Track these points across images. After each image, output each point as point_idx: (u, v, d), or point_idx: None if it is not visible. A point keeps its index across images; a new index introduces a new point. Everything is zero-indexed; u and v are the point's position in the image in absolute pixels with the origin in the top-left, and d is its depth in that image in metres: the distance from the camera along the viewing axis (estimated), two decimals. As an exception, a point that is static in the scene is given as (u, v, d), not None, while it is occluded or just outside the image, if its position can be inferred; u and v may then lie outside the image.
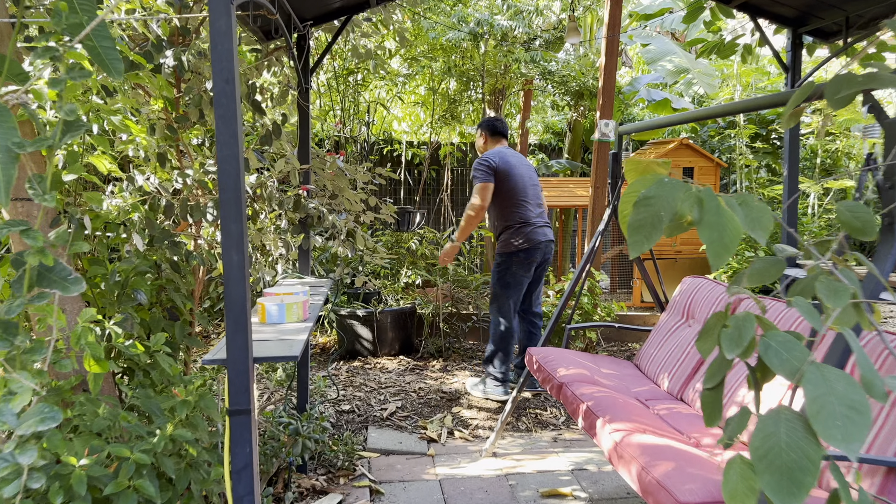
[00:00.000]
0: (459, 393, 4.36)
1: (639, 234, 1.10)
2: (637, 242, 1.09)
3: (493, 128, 4.34)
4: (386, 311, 4.98)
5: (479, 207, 4.07)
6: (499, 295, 4.15)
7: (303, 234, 3.09)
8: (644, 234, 1.09)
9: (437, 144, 8.10)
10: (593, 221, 5.07)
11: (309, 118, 3.19)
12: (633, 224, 1.11)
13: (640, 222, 1.10)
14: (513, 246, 4.11)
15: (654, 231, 1.08)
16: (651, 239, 1.08)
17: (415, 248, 6.01)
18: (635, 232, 1.10)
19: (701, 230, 1.07)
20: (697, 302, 3.14)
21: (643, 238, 1.09)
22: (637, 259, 3.63)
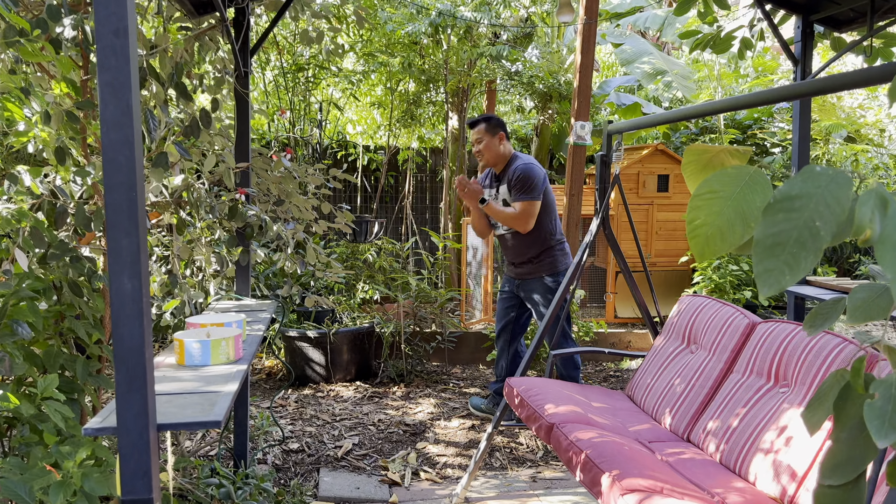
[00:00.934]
0: (424, 425, 3.89)
1: (775, 258, 0.67)
2: (772, 272, 0.67)
3: (505, 126, 3.78)
4: (341, 332, 4.49)
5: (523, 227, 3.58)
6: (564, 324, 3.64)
7: (241, 248, 2.60)
8: (785, 259, 0.66)
9: (396, 149, 7.64)
10: (568, 231, 4.68)
11: (249, 108, 2.70)
12: (765, 243, 0.68)
13: (776, 239, 0.67)
14: (563, 265, 3.70)
15: (804, 252, 0.66)
16: (798, 265, 0.66)
17: (372, 260, 5.53)
18: (768, 255, 0.67)
19: (883, 251, 0.65)
20: (701, 325, 2.76)
21: (783, 265, 0.66)
22: (626, 272, 3.24)
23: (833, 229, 0.67)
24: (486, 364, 5.22)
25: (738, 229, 0.93)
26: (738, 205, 0.94)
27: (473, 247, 5.40)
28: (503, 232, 3.78)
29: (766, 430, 2.12)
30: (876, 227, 0.66)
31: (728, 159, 1.07)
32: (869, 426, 0.77)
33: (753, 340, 2.43)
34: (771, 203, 0.69)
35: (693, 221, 0.95)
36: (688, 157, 1.08)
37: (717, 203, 0.94)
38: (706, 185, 0.96)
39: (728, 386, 2.43)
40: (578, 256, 3.14)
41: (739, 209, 0.93)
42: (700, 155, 1.07)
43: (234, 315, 2.01)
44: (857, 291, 0.98)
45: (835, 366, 2.00)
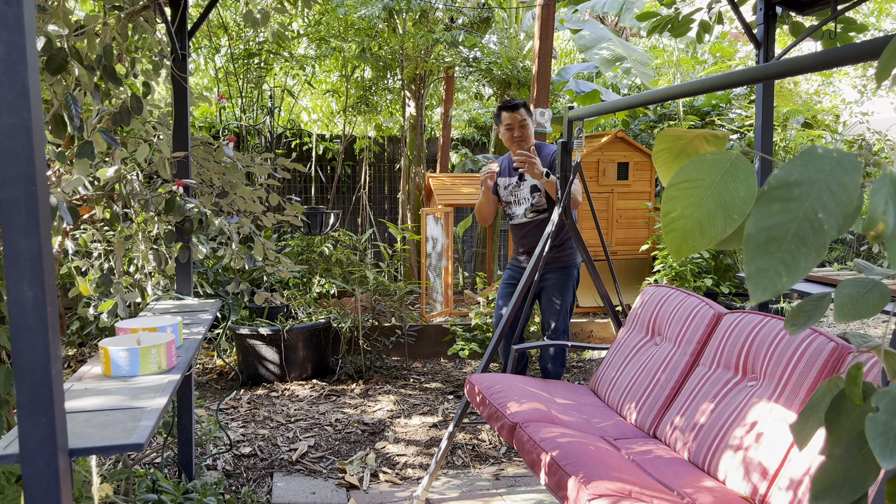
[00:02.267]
0: (384, 423, 3.77)
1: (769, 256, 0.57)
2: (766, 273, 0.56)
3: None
4: (295, 329, 4.33)
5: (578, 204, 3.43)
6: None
7: (180, 243, 2.43)
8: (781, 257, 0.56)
9: (352, 138, 7.46)
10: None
11: (187, 93, 2.52)
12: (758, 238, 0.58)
13: (771, 233, 0.57)
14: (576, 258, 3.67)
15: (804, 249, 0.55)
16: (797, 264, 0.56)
17: (329, 253, 5.36)
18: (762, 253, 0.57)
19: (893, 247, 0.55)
20: (665, 316, 2.70)
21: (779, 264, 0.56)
22: (588, 262, 3.17)
23: (838, 222, 0.57)
24: (448, 358, 5.12)
25: (720, 222, 0.83)
26: (719, 195, 0.84)
27: (433, 238, 5.28)
28: (526, 220, 3.65)
29: (735, 426, 2.06)
30: (890, 221, 0.56)
31: (704, 146, 0.98)
32: (872, 444, 0.68)
33: (719, 332, 2.37)
34: (765, 191, 0.58)
35: (668, 214, 0.85)
36: (660, 143, 0.98)
37: (696, 193, 0.84)
38: (683, 173, 0.86)
39: (694, 380, 2.37)
40: (540, 247, 3.05)
41: (721, 199, 0.84)
42: (674, 141, 0.97)
43: (169, 318, 1.86)
44: (845, 287, 0.89)
45: (805, 358, 1.95)
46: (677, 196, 0.84)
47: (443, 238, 5.33)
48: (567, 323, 3.60)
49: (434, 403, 4.08)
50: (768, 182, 0.58)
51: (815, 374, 1.90)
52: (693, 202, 0.84)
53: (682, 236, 0.84)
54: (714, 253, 4.85)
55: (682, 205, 0.84)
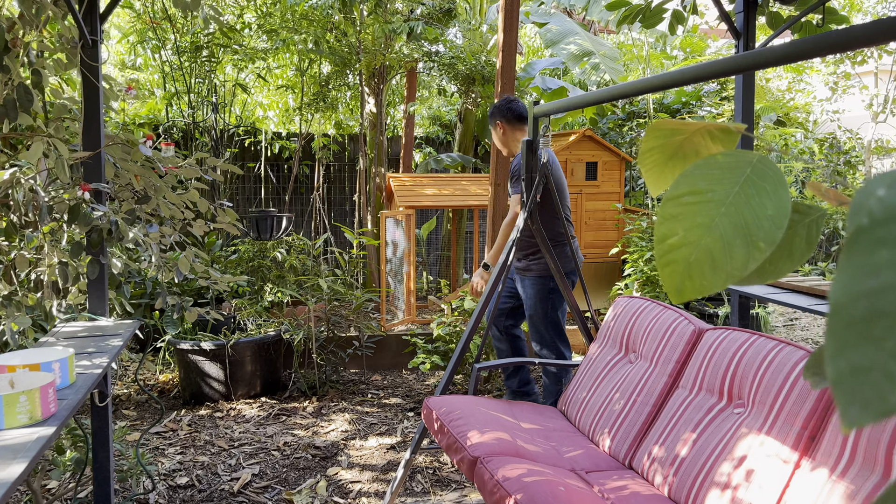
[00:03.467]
0: (337, 446, 3.49)
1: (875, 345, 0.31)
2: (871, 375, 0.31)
3: (511, 111, 3.51)
4: (242, 342, 4.02)
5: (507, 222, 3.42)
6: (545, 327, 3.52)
7: (89, 257, 2.12)
8: None
9: (310, 136, 7.15)
10: (494, 223, 4.36)
11: (99, 85, 2.21)
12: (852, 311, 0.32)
13: (879, 304, 0.31)
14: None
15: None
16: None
17: (281, 259, 5.05)
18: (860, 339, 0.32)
19: None
20: (640, 331, 2.47)
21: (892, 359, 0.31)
22: (557, 270, 2.94)
23: None
24: (409, 369, 4.85)
25: (740, 252, 0.59)
26: (737, 213, 0.59)
27: (393, 242, 5.01)
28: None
29: (721, 460, 1.83)
30: None
31: (707, 144, 0.73)
32: None
33: (701, 351, 2.15)
34: (864, 228, 0.33)
35: (666, 239, 0.60)
36: (649, 140, 0.73)
37: (705, 211, 0.60)
38: (685, 182, 0.61)
39: (674, 404, 2.14)
40: (505, 254, 2.80)
41: (740, 220, 0.59)
42: (667, 137, 0.72)
43: (60, 350, 1.56)
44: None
45: (800, 384, 1.73)
46: (678, 215, 0.60)
47: (404, 242, 5.07)
48: (548, 337, 3.40)
49: (393, 422, 3.81)
50: (869, 212, 0.33)
51: (813, 404, 1.69)
52: (700, 223, 0.59)
53: (686, 271, 0.59)
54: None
55: (685, 227, 0.60)
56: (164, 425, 3.76)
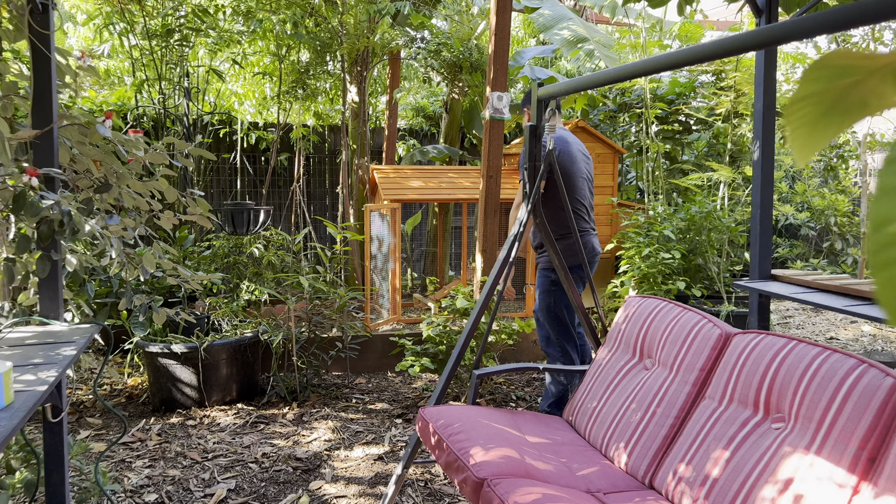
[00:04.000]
0: (320, 458, 3.25)
1: None
2: None
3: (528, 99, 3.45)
4: (216, 345, 3.75)
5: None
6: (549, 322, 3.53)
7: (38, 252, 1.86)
8: None
9: (288, 126, 6.86)
10: (486, 217, 4.14)
11: (51, 56, 1.95)
12: None
13: None
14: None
15: None
16: None
17: (259, 255, 4.79)
18: None
19: None
20: (657, 334, 2.27)
21: None
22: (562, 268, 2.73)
23: None
24: (395, 371, 4.62)
25: None
26: None
27: (378, 237, 4.77)
28: None
29: (762, 482, 1.63)
30: None
31: (886, 92, 0.51)
32: None
33: (730, 358, 1.95)
34: None
35: (887, 225, 0.39)
36: (809, 82, 0.51)
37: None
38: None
39: (700, 417, 1.94)
40: (506, 250, 2.58)
41: None
42: (832, 79, 0.50)
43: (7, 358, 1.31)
44: None
45: (854, 398, 1.53)
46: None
47: (389, 237, 4.83)
48: (553, 335, 3.38)
49: (380, 430, 3.58)
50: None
51: (871, 420, 1.49)
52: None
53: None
54: (685, 251, 4.49)
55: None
56: (132, 435, 3.49)
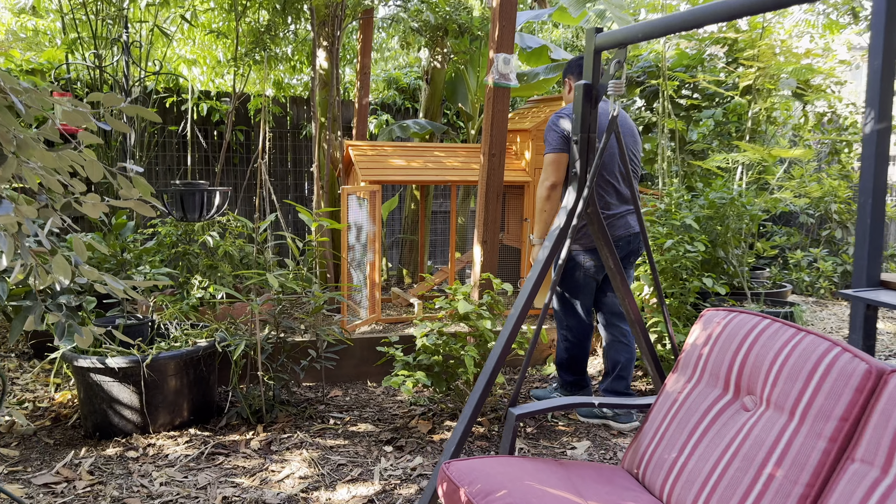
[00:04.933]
0: (295, 500, 2.64)
1: None
2: None
3: (582, 68, 3.23)
4: (162, 358, 3.09)
5: (549, 187, 3.17)
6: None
7: None
8: None
9: (245, 96, 6.14)
10: (487, 203, 3.56)
11: None
12: None
13: None
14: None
15: None
16: None
17: (214, 244, 4.11)
18: None
19: None
20: (762, 364, 1.73)
21: None
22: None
23: None
24: (377, 379, 4.03)
25: None
26: None
27: (357, 224, 4.14)
28: None
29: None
30: None
31: None
32: None
33: (889, 406, 1.41)
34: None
35: None
36: None
37: None
38: None
39: (851, 487, 1.41)
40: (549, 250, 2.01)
41: None
42: None
43: None
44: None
45: None
46: None
47: (369, 225, 4.21)
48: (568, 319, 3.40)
49: (366, 461, 2.99)
50: None
51: None
52: None
53: None
54: (707, 243, 3.99)
55: None
56: (57, 472, 2.82)
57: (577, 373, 3.50)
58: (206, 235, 4.09)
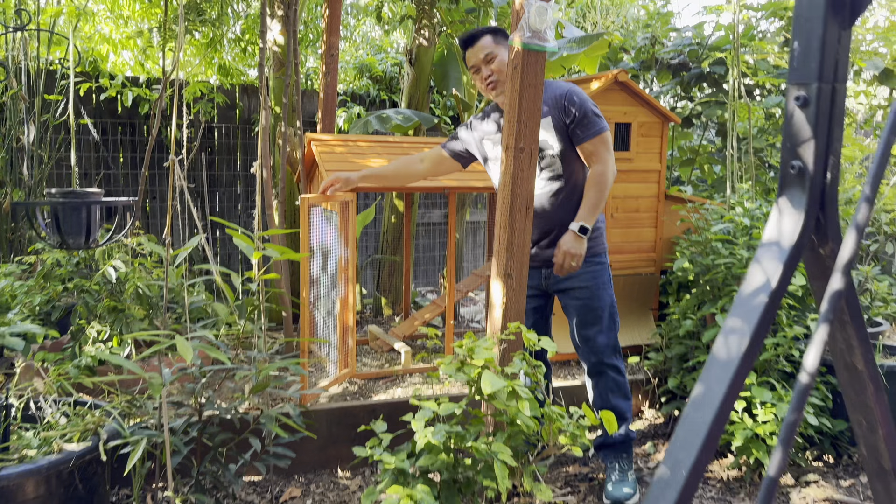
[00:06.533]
0: None
1: None
2: None
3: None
4: (15, 477, 1.93)
5: (612, 173, 2.61)
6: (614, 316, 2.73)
7: None
8: None
9: (180, 83, 4.97)
10: (512, 219, 2.47)
11: None
12: None
13: None
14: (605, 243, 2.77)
15: None
16: None
17: (120, 277, 2.96)
18: None
19: None
20: None
21: None
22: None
23: None
24: (349, 467, 2.91)
25: None
26: None
27: (322, 249, 3.02)
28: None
29: None
30: None
31: None
32: None
33: None
34: None
35: None
36: None
37: None
38: None
39: None
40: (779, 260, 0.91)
41: None
42: None
43: None
44: None
45: None
46: None
47: (338, 247, 3.10)
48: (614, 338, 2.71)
49: None
50: None
51: None
52: None
53: None
54: (804, 272, 2.95)
55: None
56: None
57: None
58: (109, 264, 2.93)
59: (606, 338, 2.69)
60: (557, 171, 2.67)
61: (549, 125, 2.66)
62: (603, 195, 2.58)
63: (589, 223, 2.54)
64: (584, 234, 2.54)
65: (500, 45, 2.68)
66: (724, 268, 3.06)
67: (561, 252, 2.55)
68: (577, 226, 2.54)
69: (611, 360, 2.70)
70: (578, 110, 2.60)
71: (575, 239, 2.53)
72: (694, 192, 4.61)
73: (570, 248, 2.53)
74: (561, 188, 2.66)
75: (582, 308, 2.68)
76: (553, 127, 2.65)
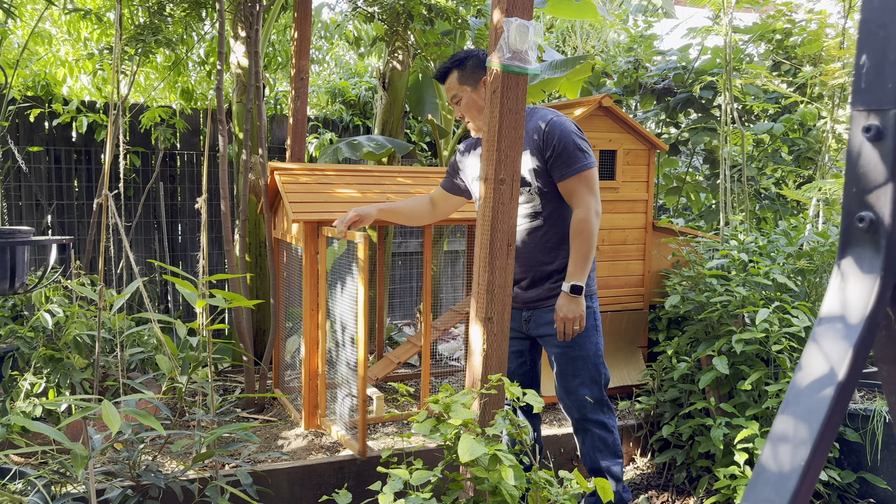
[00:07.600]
0: None
1: None
2: None
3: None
4: None
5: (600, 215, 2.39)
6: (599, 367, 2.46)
7: None
8: None
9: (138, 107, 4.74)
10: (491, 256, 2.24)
11: None
12: None
13: None
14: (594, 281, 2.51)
15: None
16: None
17: (54, 321, 2.68)
18: None
19: None
20: None
21: None
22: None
23: None
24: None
25: None
26: None
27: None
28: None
29: None
30: None
31: None
32: None
33: None
34: None
35: None
36: None
37: None
38: None
39: None
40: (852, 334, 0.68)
41: None
42: None
43: None
44: None
45: None
46: None
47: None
48: (599, 391, 2.44)
49: None
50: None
51: None
52: None
53: None
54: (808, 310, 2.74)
55: None
56: None
57: None
58: (45, 309, 2.65)
59: (590, 391, 2.44)
60: (536, 209, 2.45)
61: (527, 158, 2.43)
62: (589, 244, 2.34)
63: (581, 280, 2.31)
64: (577, 293, 2.31)
65: (465, 84, 2.48)
66: (721, 306, 2.86)
67: (559, 319, 2.32)
68: (568, 286, 2.31)
69: (595, 415, 2.45)
70: (559, 143, 2.36)
71: (570, 301, 2.30)
72: (681, 221, 4.42)
73: (566, 314, 2.31)
74: (539, 226, 2.45)
75: (562, 357, 2.44)
76: (531, 160, 2.43)
